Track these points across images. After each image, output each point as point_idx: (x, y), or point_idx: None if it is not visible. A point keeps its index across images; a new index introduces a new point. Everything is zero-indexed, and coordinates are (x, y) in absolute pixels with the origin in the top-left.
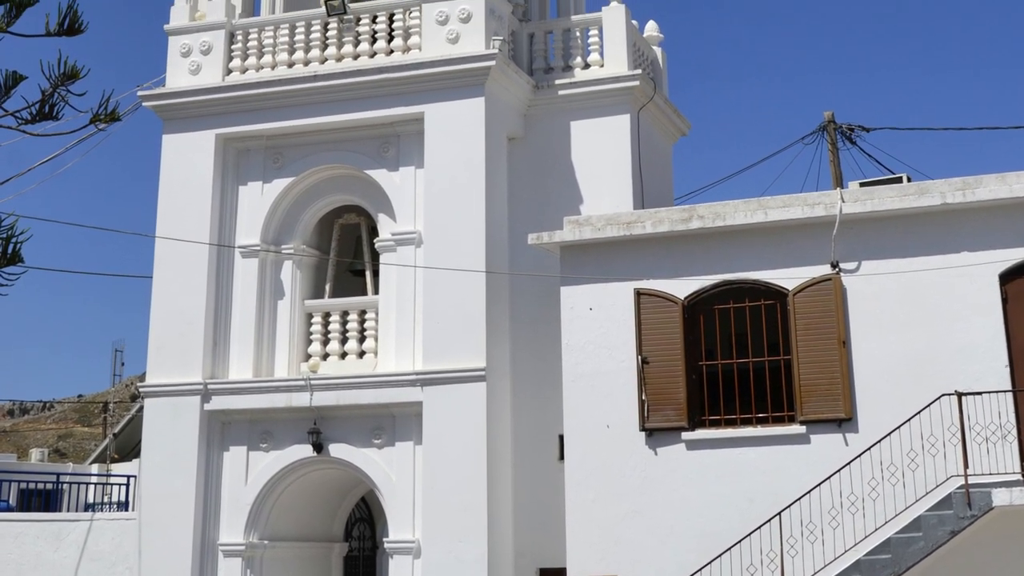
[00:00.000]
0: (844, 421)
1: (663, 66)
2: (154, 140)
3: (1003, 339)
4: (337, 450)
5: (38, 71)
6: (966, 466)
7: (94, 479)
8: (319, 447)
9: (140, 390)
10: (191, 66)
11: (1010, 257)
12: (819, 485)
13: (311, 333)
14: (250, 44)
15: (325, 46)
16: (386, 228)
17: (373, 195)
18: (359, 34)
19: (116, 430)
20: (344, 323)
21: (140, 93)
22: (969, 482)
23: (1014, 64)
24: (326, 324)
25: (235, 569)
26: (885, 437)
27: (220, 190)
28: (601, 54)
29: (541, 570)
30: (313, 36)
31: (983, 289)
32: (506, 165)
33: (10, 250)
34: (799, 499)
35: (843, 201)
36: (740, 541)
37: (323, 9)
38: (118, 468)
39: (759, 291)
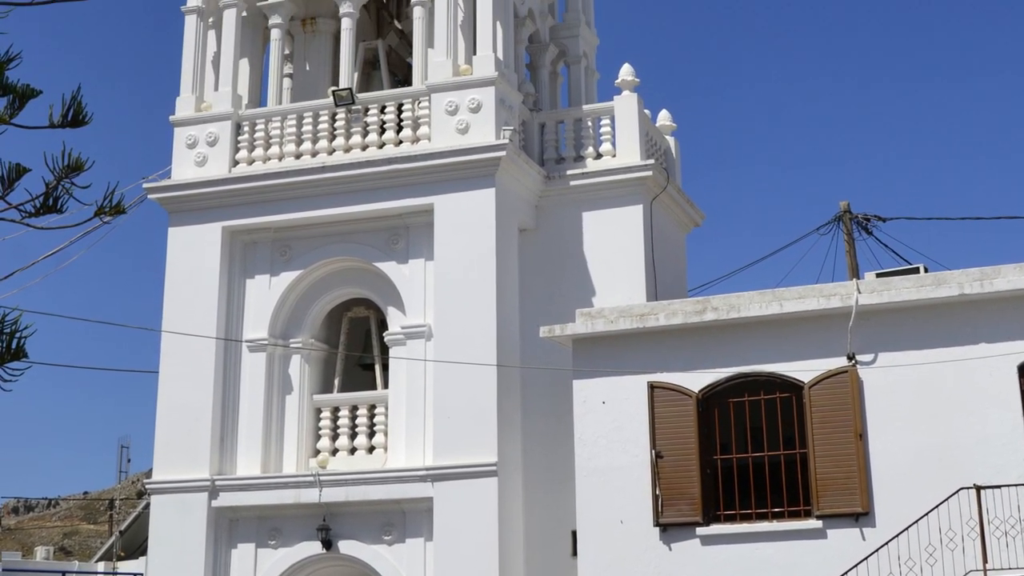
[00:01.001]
0: (861, 515)
1: (676, 156)
2: (160, 233)
3: (1023, 431)
4: (347, 547)
5: (42, 163)
6: (985, 561)
7: None
8: (328, 544)
9: (146, 487)
10: (197, 158)
11: None
12: None
13: (320, 428)
14: (257, 135)
15: (333, 137)
16: (396, 321)
17: (382, 288)
18: (367, 125)
19: (122, 527)
20: (353, 418)
21: (146, 185)
22: None
23: None
24: (335, 419)
25: None
26: (903, 531)
27: (227, 283)
28: (613, 144)
29: None
30: (321, 127)
31: (1002, 381)
32: (517, 257)
33: (14, 345)
34: None
35: (859, 292)
36: None
37: (331, 100)
38: (125, 566)
39: (774, 384)
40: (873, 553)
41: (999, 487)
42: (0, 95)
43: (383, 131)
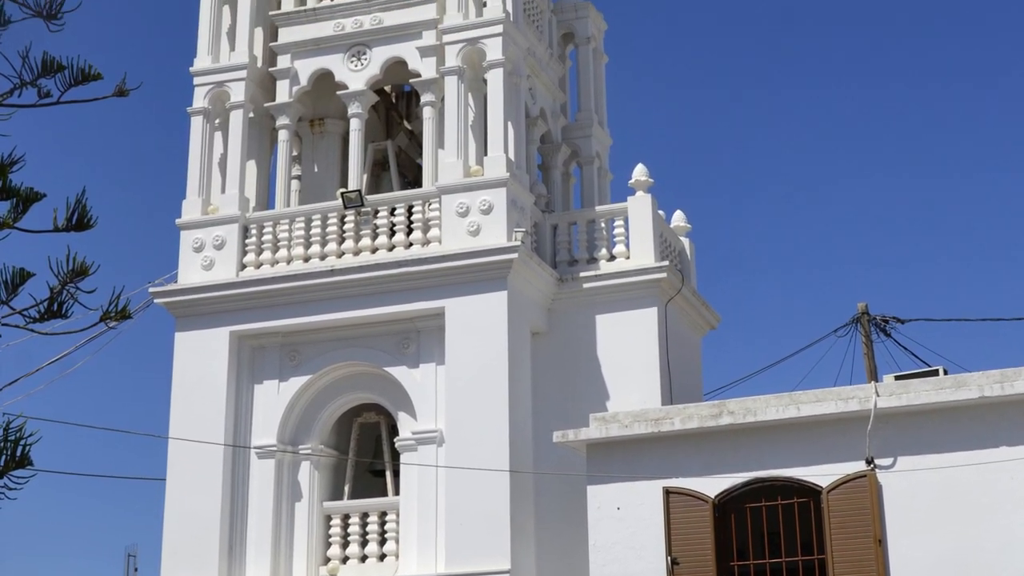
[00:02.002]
0: None
1: (691, 257)
2: (166, 338)
3: None
4: None
5: (46, 268)
6: None
7: None
8: None
9: None
10: (204, 261)
11: None
12: None
13: (330, 536)
14: (265, 238)
15: (342, 240)
16: (406, 427)
17: (393, 393)
18: (377, 227)
19: None
20: (364, 525)
21: (152, 290)
22: None
23: None
24: (345, 526)
25: None
26: None
27: (235, 389)
28: (627, 245)
29: None
30: (330, 229)
31: None
32: (530, 360)
33: (18, 453)
34: None
35: (878, 395)
36: None
37: (339, 202)
38: None
39: (792, 489)
40: None
41: None
42: (3, 199)
43: (393, 233)
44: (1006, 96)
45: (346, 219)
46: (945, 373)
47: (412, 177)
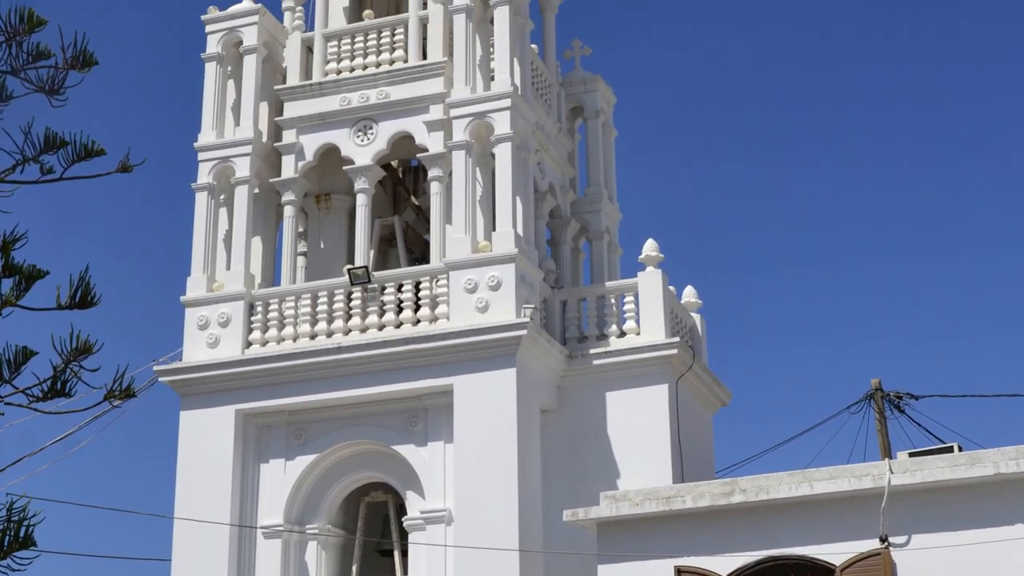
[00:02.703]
0: None
1: (702, 333)
2: (171, 416)
3: None
4: None
5: (49, 346)
6: None
7: None
8: None
9: None
10: (209, 339)
11: None
12: None
13: None
14: (270, 315)
15: (349, 316)
16: (415, 506)
17: (401, 471)
18: (384, 304)
19: None
20: None
21: (156, 368)
22: None
23: None
24: None
25: None
26: None
27: (241, 468)
28: (637, 321)
29: None
30: (336, 306)
31: None
32: (539, 438)
33: (22, 534)
34: None
35: (892, 472)
36: None
37: (346, 278)
38: None
39: (805, 567)
40: None
41: None
42: (6, 276)
43: (400, 310)
44: (1019, 175)
45: (353, 296)
46: (960, 450)
47: (420, 253)
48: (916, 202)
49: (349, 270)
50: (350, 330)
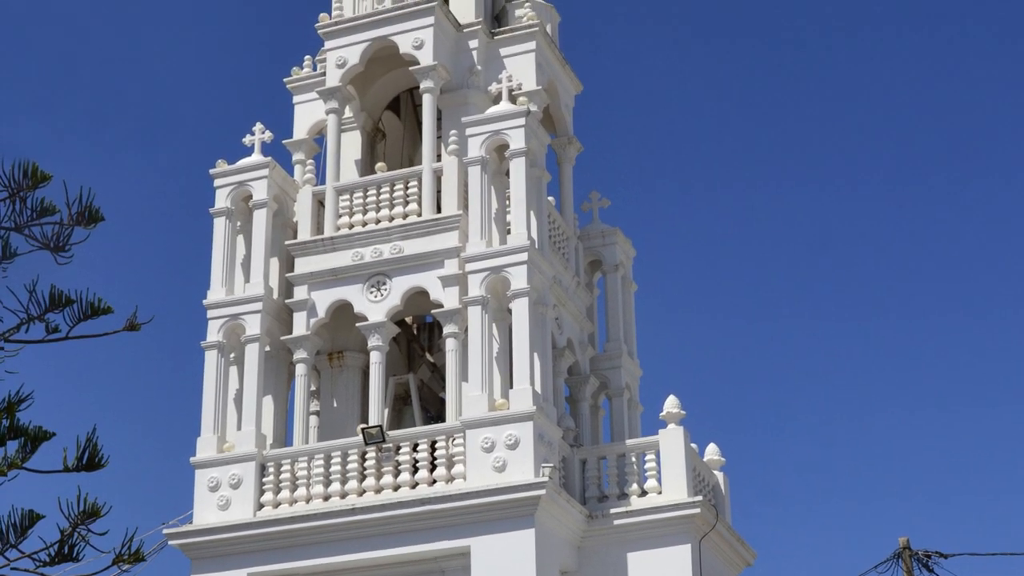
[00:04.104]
0: None
1: (725, 491)
2: None
3: None
4: None
5: (56, 509)
6: None
7: None
8: None
9: None
10: (220, 501)
11: None
12: None
13: None
14: (283, 476)
15: (363, 477)
16: None
17: None
18: (399, 463)
19: None
20: None
21: (166, 531)
22: None
23: None
24: None
25: None
26: None
27: None
28: (659, 480)
29: None
30: (350, 467)
31: None
32: None
33: None
34: None
35: None
36: None
37: (360, 438)
38: None
39: None
40: None
41: None
42: (11, 438)
43: (416, 470)
44: None
45: (367, 456)
46: None
47: (435, 411)
48: (941, 355)
49: (363, 429)
50: (364, 491)
